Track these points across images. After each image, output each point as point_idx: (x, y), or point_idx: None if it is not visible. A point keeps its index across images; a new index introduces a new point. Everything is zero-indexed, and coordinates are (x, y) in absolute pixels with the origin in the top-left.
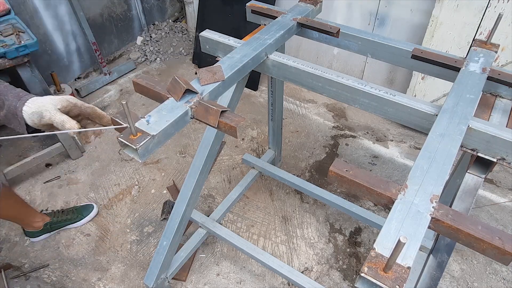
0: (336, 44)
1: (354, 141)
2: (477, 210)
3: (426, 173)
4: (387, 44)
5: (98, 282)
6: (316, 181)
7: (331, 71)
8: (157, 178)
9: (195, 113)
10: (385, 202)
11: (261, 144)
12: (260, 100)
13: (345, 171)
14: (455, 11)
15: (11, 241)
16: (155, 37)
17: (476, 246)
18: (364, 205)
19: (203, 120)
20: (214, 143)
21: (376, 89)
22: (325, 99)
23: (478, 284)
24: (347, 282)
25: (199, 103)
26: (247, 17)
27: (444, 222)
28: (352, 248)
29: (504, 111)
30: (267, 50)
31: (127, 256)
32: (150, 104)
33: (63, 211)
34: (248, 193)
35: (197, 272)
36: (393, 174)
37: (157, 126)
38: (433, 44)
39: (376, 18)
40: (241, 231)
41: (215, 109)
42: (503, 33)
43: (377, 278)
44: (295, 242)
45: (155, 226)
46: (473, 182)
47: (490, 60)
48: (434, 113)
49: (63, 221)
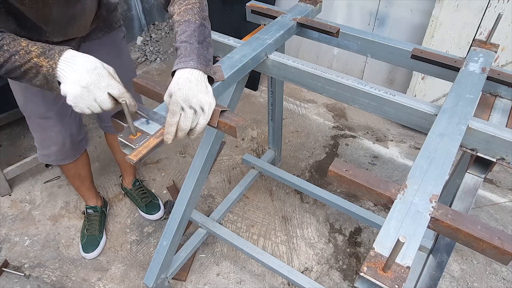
0: (336, 44)
1: (354, 141)
2: (477, 210)
3: (425, 173)
4: (387, 44)
5: (98, 282)
6: (316, 181)
7: (331, 71)
8: (157, 178)
9: None
10: (384, 202)
11: (261, 144)
12: (260, 100)
13: (344, 171)
14: (455, 11)
15: (11, 241)
16: (155, 37)
17: (476, 246)
18: (364, 205)
19: None
20: (214, 143)
21: (376, 89)
22: (325, 99)
23: (478, 284)
24: (347, 282)
25: None
26: (247, 17)
27: (443, 222)
28: (352, 248)
29: (504, 111)
30: (267, 50)
31: (127, 256)
32: (150, 104)
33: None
34: (248, 193)
35: (197, 272)
36: (393, 174)
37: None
38: (433, 44)
39: (376, 18)
40: (241, 231)
41: (215, 109)
42: (503, 33)
43: (376, 278)
44: (295, 242)
45: (155, 226)
46: (472, 182)
47: (489, 60)
48: (433, 113)
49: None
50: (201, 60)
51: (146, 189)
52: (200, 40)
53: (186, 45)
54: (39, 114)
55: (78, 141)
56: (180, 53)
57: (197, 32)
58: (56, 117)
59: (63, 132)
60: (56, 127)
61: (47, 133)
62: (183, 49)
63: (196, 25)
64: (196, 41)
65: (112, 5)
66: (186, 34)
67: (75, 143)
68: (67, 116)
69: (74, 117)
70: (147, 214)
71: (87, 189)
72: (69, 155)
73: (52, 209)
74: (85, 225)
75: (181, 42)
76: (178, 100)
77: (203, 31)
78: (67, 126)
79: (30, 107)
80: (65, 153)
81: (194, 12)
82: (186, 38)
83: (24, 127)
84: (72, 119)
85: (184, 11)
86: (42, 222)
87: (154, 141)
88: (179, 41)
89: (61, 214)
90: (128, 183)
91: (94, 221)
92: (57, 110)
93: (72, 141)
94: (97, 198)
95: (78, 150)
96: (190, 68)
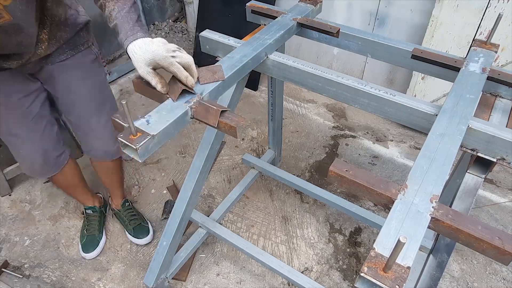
0: (336, 44)
1: (354, 141)
2: (477, 210)
3: (426, 173)
4: (387, 44)
5: (98, 282)
6: (316, 181)
7: (331, 71)
8: (157, 178)
9: (195, 113)
10: (385, 202)
11: (261, 144)
12: (260, 100)
13: (345, 171)
14: (455, 11)
15: (11, 241)
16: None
17: (476, 246)
18: (364, 205)
19: (203, 120)
20: (214, 143)
21: (376, 89)
22: (325, 99)
23: (478, 284)
24: (347, 282)
25: (199, 103)
26: (247, 17)
27: (444, 222)
28: (352, 248)
29: (504, 111)
30: (267, 50)
31: (127, 256)
32: (150, 104)
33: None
34: (248, 193)
35: (197, 272)
36: (393, 174)
37: (157, 126)
38: (433, 44)
39: (376, 18)
40: (241, 231)
41: (215, 109)
42: (503, 33)
43: (377, 278)
44: (295, 242)
45: (155, 226)
46: (473, 182)
47: (490, 60)
48: (434, 113)
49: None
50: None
51: (136, 210)
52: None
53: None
54: (8, 131)
55: (55, 157)
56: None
57: (133, 8)
58: (25, 135)
59: (34, 150)
60: (25, 145)
61: (17, 150)
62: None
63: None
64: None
65: (78, 25)
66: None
67: (50, 159)
68: (38, 133)
69: (49, 133)
70: (134, 237)
71: (82, 194)
72: (46, 170)
73: (52, 209)
74: (84, 225)
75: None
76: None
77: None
78: (39, 143)
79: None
80: (40, 169)
81: None
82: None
83: None
84: (46, 134)
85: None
86: (42, 222)
87: None
88: (119, 18)
89: (61, 214)
90: (117, 204)
91: (93, 221)
92: (26, 126)
93: (46, 158)
94: (95, 198)
95: (57, 165)
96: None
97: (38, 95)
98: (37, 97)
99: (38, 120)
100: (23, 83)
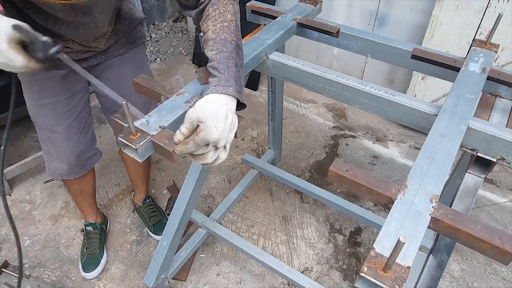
0: (336, 44)
1: (354, 141)
2: (477, 210)
3: (426, 173)
4: (387, 44)
5: (98, 282)
6: (316, 181)
7: (331, 71)
8: (157, 178)
9: None
10: (385, 202)
11: (261, 144)
12: (260, 100)
13: (345, 171)
14: (455, 11)
15: (11, 241)
16: (155, 37)
17: (476, 246)
18: (364, 205)
19: None
20: None
21: (376, 89)
22: (325, 99)
23: (478, 284)
24: (347, 282)
25: None
26: (247, 17)
27: (444, 222)
28: (352, 248)
29: (504, 111)
30: (267, 50)
31: (127, 256)
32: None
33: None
34: (248, 193)
35: (197, 272)
36: (393, 174)
37: (157, 126)
38: (433, 44)
39: (376, 18)
40: (241, 231)
41: None
42: (503, 33)
43: (376, 278)
44: (295, 242)
45: None
46: (473, 182)
47: (490, 60)
48: (434, 113)
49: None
50: (238, 86)
51: (157, 207)
52: (238, 63)
53: (224, 67)
54: (47, 127)
55: (86, 159)
56: (217, 74)
57: (234, 53)
58: (64, 133)
59: (70, 148)
60: (63, 143)
61: (53, 147)
62: (222, 70)
63: (233, 46)
64: (233, 64)
65: (136, 20)
66: (223, 55)
67: (81, 160)
68: (77, 133)
69: (85, 134)
70: (154, 234)
71: (88, 205)
72: (74, 171)
73: (52, 209)
74: (84, 243)
75: (218, 63)
76: (209, 139)
77: (239, 53)
78: (75, 143)
79: (39, 119)
80: (69, 169)
81: (230, 31)
82: (224, 60)
83: (24, 127)
84: (82, 136)
85: (220, 28)
86: (42, 222)
87: None
88: (215, 61)
89: (61, 214)
90: (139, 200)
91: (94, 238)
92: (66, 125)
93: (79, 158)
94: (97, 214)
95: (85, 167)
96: (227, 95)
97: (84, 95)
98: (82, 97)
99: (80, 120)
100: (71, 83)
